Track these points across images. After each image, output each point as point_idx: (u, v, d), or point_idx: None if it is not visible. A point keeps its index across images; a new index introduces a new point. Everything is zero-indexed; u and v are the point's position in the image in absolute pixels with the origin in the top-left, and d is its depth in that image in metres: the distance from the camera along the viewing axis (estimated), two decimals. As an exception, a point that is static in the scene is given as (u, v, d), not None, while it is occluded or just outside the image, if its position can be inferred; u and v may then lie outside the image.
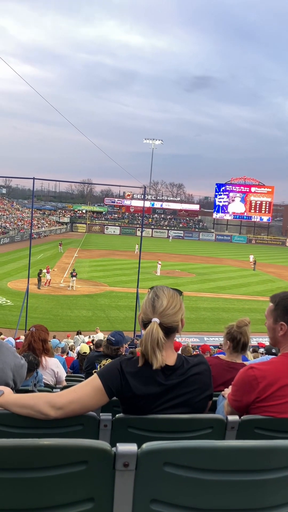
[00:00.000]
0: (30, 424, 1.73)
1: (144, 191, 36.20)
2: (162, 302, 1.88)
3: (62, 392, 1.82)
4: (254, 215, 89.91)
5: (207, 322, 23.97)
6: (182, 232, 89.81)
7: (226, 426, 1.85)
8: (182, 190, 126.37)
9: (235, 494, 1.38)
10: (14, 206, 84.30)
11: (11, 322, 21.21)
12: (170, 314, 1.86)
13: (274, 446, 1.39)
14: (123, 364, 1.83)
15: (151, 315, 1.87)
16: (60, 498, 1.32)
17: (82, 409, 1.77)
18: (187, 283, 33.88)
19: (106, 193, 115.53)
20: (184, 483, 1.35)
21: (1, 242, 57.01)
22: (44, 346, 4.51)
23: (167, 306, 1.87)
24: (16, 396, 1.77)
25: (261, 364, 2.01)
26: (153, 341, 1.79)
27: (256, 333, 19.37)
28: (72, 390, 1.80)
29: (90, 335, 18.75)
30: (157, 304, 1.88)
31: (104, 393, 1.78)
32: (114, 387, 1.79)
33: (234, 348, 3.14)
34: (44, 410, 1.70)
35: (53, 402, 1.72)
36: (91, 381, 1.82)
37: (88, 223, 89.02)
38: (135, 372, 1.80)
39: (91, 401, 1.78)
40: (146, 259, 41.08)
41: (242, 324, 3.11)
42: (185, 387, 1.84)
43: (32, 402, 1.72)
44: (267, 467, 1.39)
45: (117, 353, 4.97)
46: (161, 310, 1.86)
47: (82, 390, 1.79)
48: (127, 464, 1.31)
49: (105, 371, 1.84)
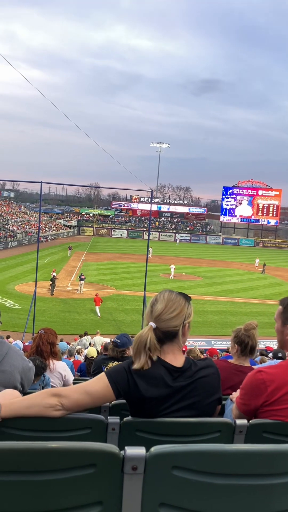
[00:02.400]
0: (38, 427, 1.73)
1: (151, 195, 36.27)
2: (158, 306, 1.91)
3: (68, 386, 1.85)
4: (262, 218, 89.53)
5: (215, 325, 23.89)
6: (189, 236, 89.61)
7: (234, 430, 1.85)
8: (189, 193, 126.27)
9: (243, 498, 1.38)
10: (22, 210, 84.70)
11: (19, 325, 21.28)
12: (166, 319, 1.89)
13: (283, 451, 1.39)
14: (131, 365, 1.84)
15: (149, 319, 1.92)
16: (69, 501, 1.32)
17: (88, 401, 1.78)
18: (194, 287, 33.79)
19: (113, 197, 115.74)
20: (192, 487, 1.35)
21: (9, 246, 57.28)
22: (52, 349, 4.52)
23: (163, 311, 1.90)
24: (21, 399, 1.77)
25: (270, 368, 2.00)
26: (141, 342, 1.84)
27: (264, 337, 19.29)
28: (79, 385, 1.84)
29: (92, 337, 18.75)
30: (154, 308, 1.92)
31: (111, 391, 1.79)
32: (121, 387, 1.80)
33: (242, 351, 3.12)
34: (51, 402, 1.71)
35: (58, 392, 1.75)
36: (98, 379, 1.84)
37: (95, 227, 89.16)
38: (143, 373, 1.81)
39: (97, 396, 1.79)
40: (153, 262, 41.08)
41: (249, 327, 3.08)
42: (193, 389, 1.84)
43: (39, 398, 1.73)
44: (276, 471, 1.38)
45: (123, 355, 4.98)
46: (156, 314, 1.90)
47: (89, 384, 1.82)
48: (135, 467, 1.31)
49: (113, 370, 1.85)
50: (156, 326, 1.88)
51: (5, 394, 1.82)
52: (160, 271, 40.27)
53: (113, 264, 45.06)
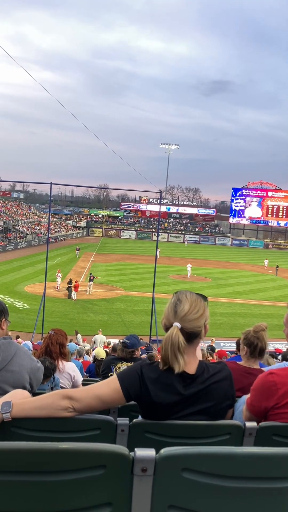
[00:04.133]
0: (47, 427, 1.73)
1: (160, 196, 36.23)
2: (184, 306, 1.85)
3: (81, 388, 1.84)
4: (271, 220, 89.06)
5: (223, 327, 23.79)
6: (198, 237, 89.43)
7: (244, 432, 1.83)
8: (198, 194, 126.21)
9: (252, 502, 1.37)
10: (31, 211, 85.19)
11: (28, 325, 21.38)
12: (192, 319, 1.83)
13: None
14: (144, 369, 1.81)
15: (173, 319, 1.84)
16: (78, 502, 1.33)
17: (99, 405, 1.78)
18: (203, 288, 33.67)
19: (122, 198, 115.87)
20: (202, 489, 1.34)
21: (19, 246, 57.60)
22: (61, 350, 4.52)
23: (189, 311, 1.83)
24: (32, 400, 1.77)
25: (281, 370, 1.99)
26: (173, 345, 1.77)
27: (273, 339, 19.17)
28: (91, 387, 1.83)
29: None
30: (179, 308, 1.85)
31: (122, 395, 1.78)
32: (132, 391, 1.78)
33: (251, 353, 3.10)
34: (63, 404, 1.71)
35: (69, 395, 1.74)
36: (110, 382, 1.82)
37: (104, 228, 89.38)
38: (155, 378, 1.79)
39: (108, 399, 1.79)
40: (162, 263, 41.03)
41: (259, 329, 3.07)
42: (205, 396, 1.81)
43: (50, 400, 1.73)
44: (286, 474, 1.37)
45: (132, 356, 4.98)
46: (182, 314, 1.83)
47: (101, 388, 1.80)
48: (145, 469, 1.30)
49: (125, 374, 1.82)
50: (181, 327, 1.82)
51: (15, 394, 1.83)
52: (169, 272, 40.22)
53: (122, 265, 45.11)
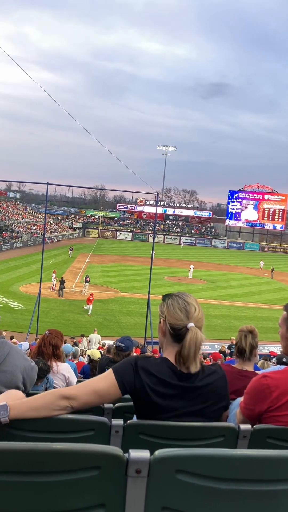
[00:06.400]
0: (41, 427, 1.73)
1: (156, 197, 36.30)
2: (195, 307, 1.91)
3: (76, 385, 1.84)
4: (267, 223, 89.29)
5: (218, 329, 23.81)
6: (194, 239, 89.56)
7: (238, 434, 1.84)
8: (195, 196, 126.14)
9: (247, 504, 1.37)
10: (27, 211, 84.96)
11: (23, 326, 21.32)
12: (201, 317, 1.91)
13: (287, 457, 1.38)
14: (139, 362, 1.83)
15: (186, 320, 1.87)
16: (72, 503, 1.32)
17: (97, 400, 1.80)
18: (198, 290, 33.71)
19: (118, 199, 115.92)
20: (196, 491, 1.34)
21: (14, 247, 57.44)
22: (55, 351, 4.48)
23: (197, 311, 1.90)
24: (29, 401, 1.76)
25: (275, 373, 1.99)
26: (198, 346, 1.83)
27: (268, 342, 19.24)
28: (86, 383, 1.84)
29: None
30: (190, 309, 1.89)
31: (117, 388, 1.79)
32: (127, 382, 1.80)
33: (236, 354, 3.17)
34: (61, 404, 1.72)
35: (67, 394, 1.75)
36: (105, 376, 1.83)
37: (101, 229, 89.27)
38: (150, 371, 1.81)
39: (105, 393, 1.80)
40: (158, 265, 41.03)
41: (240, 329, 3.18)
42: (200, 395, 1.83)
43: (48, 400, 1.73)
44: (280, 477, 1.37)
45: (127, 358, 4.97)
46: (195, 315, 1.89)
47: (96, 383, 1.82)
48: (139, 470, 1.30)
49: (120, 366, 1.85)
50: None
51: (9, 394, 1.82)
52: (165, 274, 40.23)
53: (118, 266, 45.09)
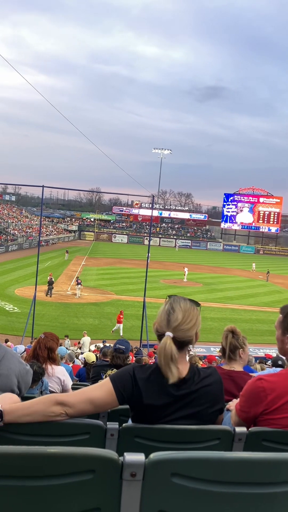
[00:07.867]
0: (36, 431, 1.72)
1: (152, 200, 36.29)
2: (177, 316, 1.84)
3: (73, 392, 1.83)
4: (262, 226, 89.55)
5: (214, 332, 23.78)
6: (190, 242, 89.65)
7: (234, 437, 1.84)
8: (190, 199, 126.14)
9: (242, 507, 1.36)
10: (23, 214, 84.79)
11: (18, 329, 21.24)
12: (185, 329, 1.83)
13: (283, 459, 1.38)
14: (136, 370, 1.82)
15: (165, 328, 1.84)
16: (67, 507, 1.31)
17: (92, 409, 1.78)
18: (194, 293, 33.71)
19: (114, 202, 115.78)
20: (191, 494, 1.34)
21: (10, 249, 57.27)
22: (50, 354, 4.47)
23: (182, 321, 1.83)
24: (24, 406, 1.74)
25: (270, 376, 1.99)
26: (166, 356, 1.77)
27: (263, 344, 19.29)
28: (83, 391, 1.82)
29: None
30: (172, 318, 1.84)
31: (115, 397, 1.78)
32: (125, 392, 1.79)
33: (220, 355, 3.22)
34: (56, 411, 1.70)
35: (64, 401, 1.72)
36: (102, 385, 1.82)
37: (96, 231, 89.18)
38: (147, 379, 1.80)
39: (101, 403, 1.79)
40: (154, 268, 41.02)
41: (224, 330, 3.23)
42: (195, 399, 1.83)
43: (43, 406, 1.71)
44: (276, 480, 1.37)
45: (125, 361, 4.97)
46: (175, 325, 1.83)
47: (94, 392, 1.80)
48: (134, 474, 1.30)
49: (118, 376, 1.83)
50: (173, 336, 1.82)
51: (4, 398, 1.81)
52: (160, 277, 40.23)
53: (113, 269, 45.03)
